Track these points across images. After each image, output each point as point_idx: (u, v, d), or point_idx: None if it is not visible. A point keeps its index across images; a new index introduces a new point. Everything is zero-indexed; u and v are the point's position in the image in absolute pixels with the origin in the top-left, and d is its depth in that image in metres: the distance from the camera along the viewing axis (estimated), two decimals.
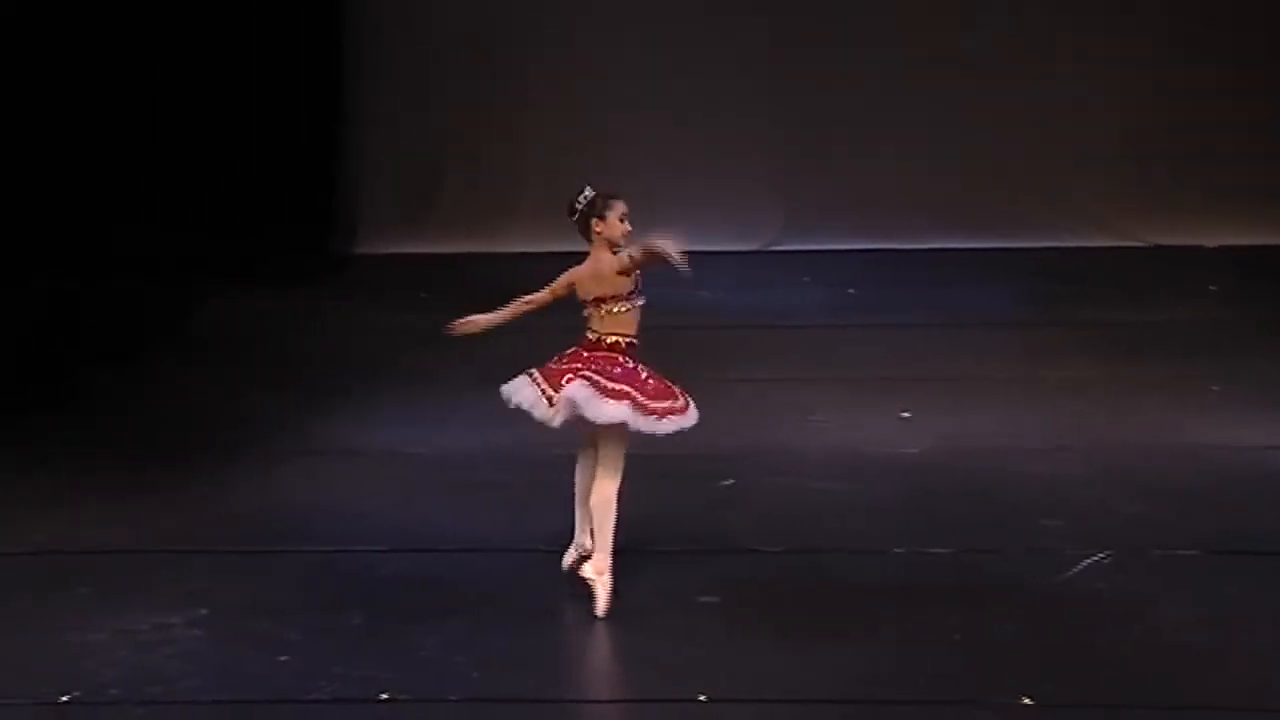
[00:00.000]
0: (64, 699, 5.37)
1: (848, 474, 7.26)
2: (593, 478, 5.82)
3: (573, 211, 5.86)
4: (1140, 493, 6.95)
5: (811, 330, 9.78)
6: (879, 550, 6.50)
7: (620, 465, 5.76)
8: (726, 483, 7.12)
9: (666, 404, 5.73)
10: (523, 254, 10.35)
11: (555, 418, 5.70)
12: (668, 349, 8.32)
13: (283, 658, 5.61)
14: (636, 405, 5.65)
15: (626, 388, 5.67)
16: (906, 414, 8.02)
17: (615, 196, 5.89)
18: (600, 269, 5.82)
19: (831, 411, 8.08)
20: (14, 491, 7.21)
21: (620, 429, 5.71)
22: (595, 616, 5.81)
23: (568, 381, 5.66)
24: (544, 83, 11.69)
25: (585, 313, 5.90)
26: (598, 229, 5.83)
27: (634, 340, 5.87)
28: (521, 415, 5.84)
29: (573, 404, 5.66)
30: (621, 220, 5.85)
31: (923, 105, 11.58)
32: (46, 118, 10.67)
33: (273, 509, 7.03)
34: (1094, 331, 9.49)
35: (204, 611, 5.96)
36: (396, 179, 11.59)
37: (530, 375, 5.81)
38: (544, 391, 5.73)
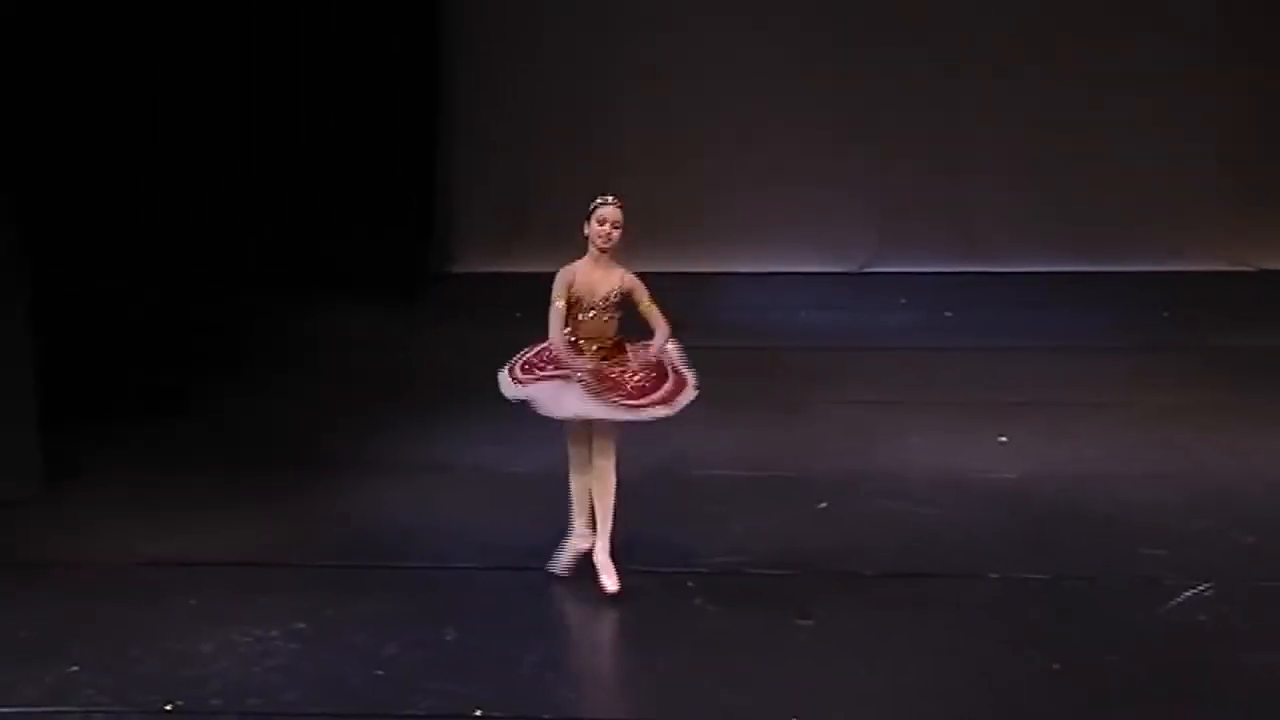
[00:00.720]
0: (167, 708, 5.50)
1: (945, 498, 7.22)
2: (587, 471, 6.23)
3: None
4: (1244, 523, 6.85)
5: (908, 353, 9.70)
6: (976, 575, 6.46)
7: (615, 450, 6.21)
8: (821, 506, 7.11)
9: (652, 397, 6.09)
10: None
11: (562, 412, 6.12)
12: (763, 370, 8.99)
13: (379, 672, 5.69)
14: (627, 401, 6.05)
15: (618, 388, 6.06)
16: (1004, 439, 7.95)
17: (608, 202, 6.16)
18: (594, 279, 6.15)
19: (928, 435, 8.04)
20: (122, 504, 7.32)
21: (614, 421, 6.16)
22: (611, 593, 6.14)
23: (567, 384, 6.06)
24: (639, 105, 11.67)
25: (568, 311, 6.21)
26: (587, 231, 6.18)
27: (612, 340, 6.20)
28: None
29: (577, 407, 6.08)
30: (601, 223, 6.12)
31: (1024, 124, 11.46)
32: (156, 129, 10.72)
33: (371, 524, 7.10)
34: (1198, 357, 9.38)
35: (303, 625, 6.06)
36: (494, 197, 11.54)
37: (517, 379, 6.16)
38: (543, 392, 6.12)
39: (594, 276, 6.16)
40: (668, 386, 6.13)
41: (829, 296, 10.91)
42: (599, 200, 6.18)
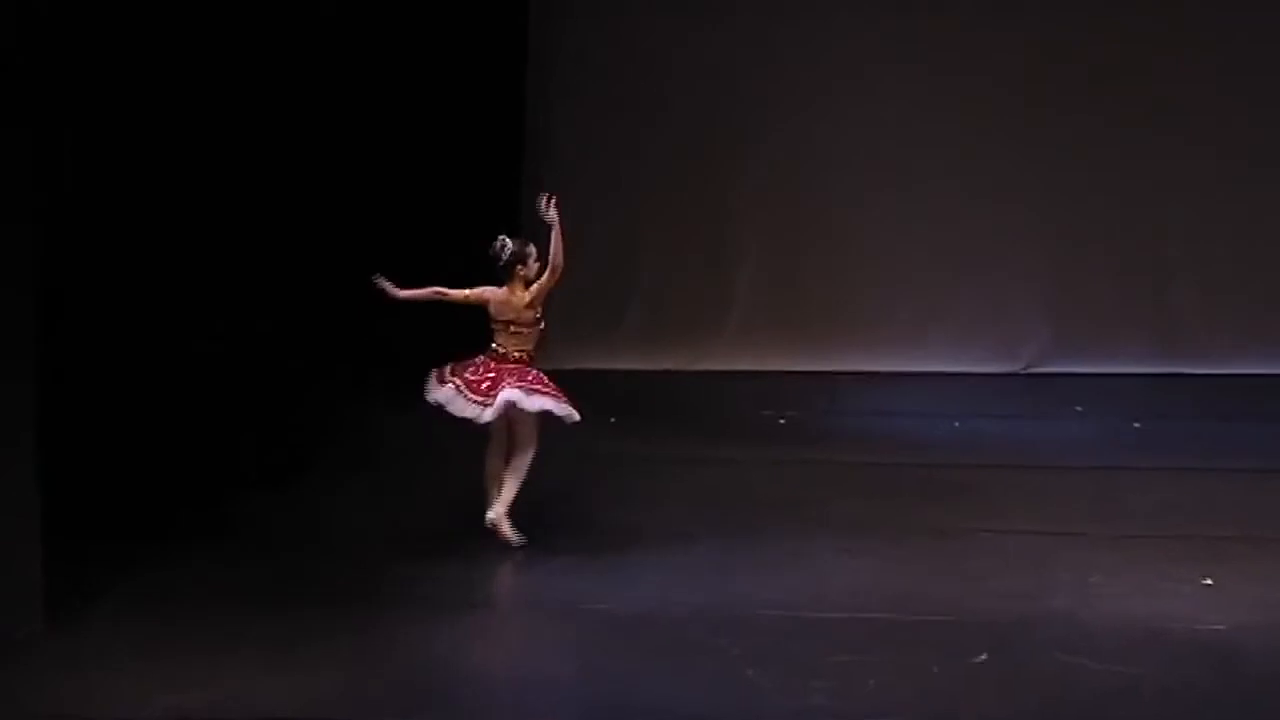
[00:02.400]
0: None
1: (1136, 653, 6.96)
2: (503, 461, 8.15)
3: (498, 258, 8.10)
4: None
5: (1087, 472, 9.46)
6: None
7: (535, 441, 8.12)
8: (980, 659, 6.89)
9: (564, 397, 8.11)
10: (727, 372, 10.60)
11: (486, 414, 8.01)
12: (908, 490, 8.94)
13: None
14: (553, 396, 8.06)
15: (541, 386, 8.08)
16: (1209, 580, 7.74)
17: (528, 243, 8.15)
18: (514, 300, 8.10)
19: (1114, 574, 7.79)
20: (140, 644, 7.01)
21: (537, 416, 8.08)
22: (515, 548, 7.99)
23: (501, 388, 8.00)
24: (760, 171, 11.67)
25: (493, 327, 8.11)
26: (521, 271, 8.12)
27: (531, 354, 8.20)
28: (733, 566, 7.05)
29: (510, 403, 7.98)
30: (535, 261, 8.10)
31: (1229, 204, 11.38)
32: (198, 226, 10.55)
33: (442, 671, 6.90)
34: None
35: None
36: (586, 287, 11.24)
37: (455, 386, 8.06)
38: (472, 398, 8.03)
39: (504, 296, 8.09)
40: (553, 390, 8.03)
41: (989, 402, 10.82)
42: (516, 242, 8.13)
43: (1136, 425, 10.30)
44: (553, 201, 8.02)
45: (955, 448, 9.89)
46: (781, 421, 10.48)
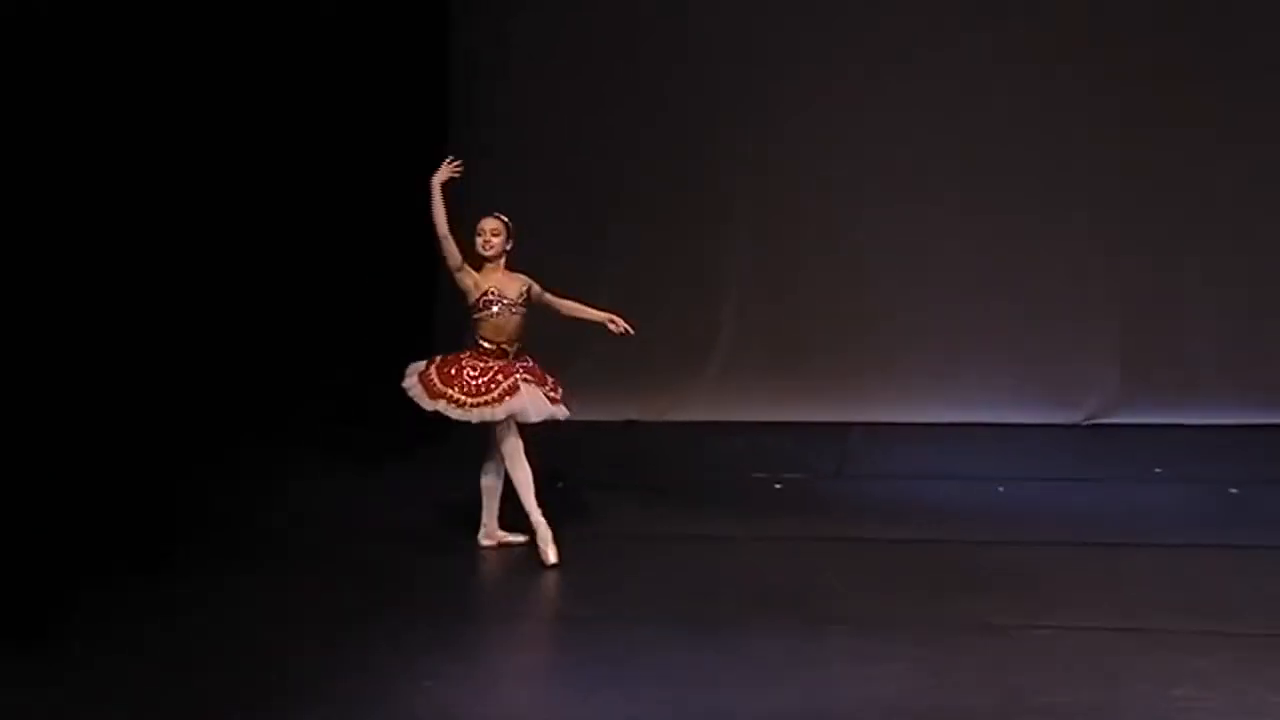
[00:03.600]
0: None
1: None
2: (499, 472, 8.90)
3: (511, 234, 8.90)
4: None
5: (1169, 552, 9.19)
6: None
7: (519, 446, 8.82)
8: None
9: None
10: (707, 424, 11.36)
11: (498, 414, 8.70)
12: (942, 573, 8.82)
13: None
14: (555, 402, 8.87)
15: (553, 391, 8.89)
16: None
17: (489, 214, 8.96)
18: (498, 281, 8.82)
19: (1206, 682, 7.38)
20: None
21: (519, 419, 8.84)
22: (553, 564, 8.63)
23: (511, 389, 8.73)
24: (751, 167, 11.84)
25: (476, 318, 8.78)
26: (508, 246, 8.89)
27: (519, 342, 8.88)
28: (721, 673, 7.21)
29: (526, 410, 8.69)
30: (479, 234, 8.87)
31: None
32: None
33: None
34: None
35: None
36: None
37: (449, 396, 8.74)
38: (473, 403, 8.74)
39: (496, 279, 8.79)
40: (500, 389, 8.72)
41: (1041, 461, 10.83)
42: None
43: (1233, 491, 10.14)
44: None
45: (999, 519, 9.70)
46: (778, 487, 10.39)
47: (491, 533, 9.00)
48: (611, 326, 8.84)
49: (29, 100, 10.32)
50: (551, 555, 8.64)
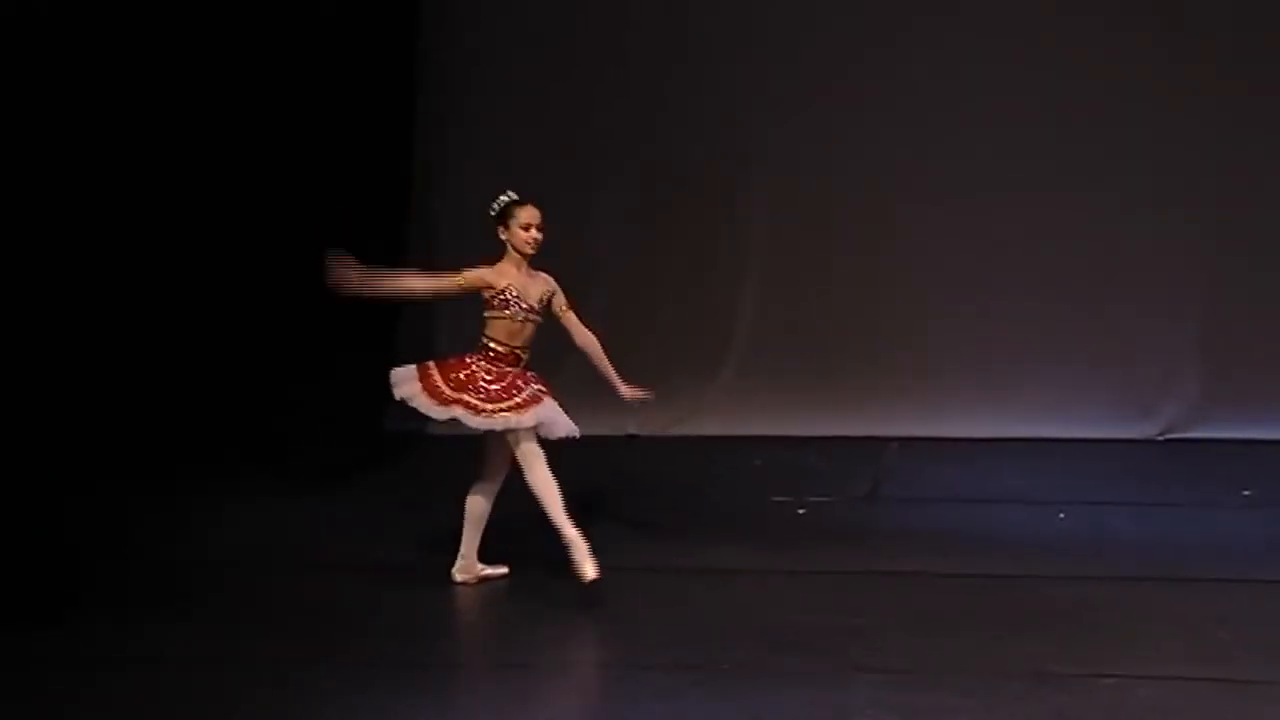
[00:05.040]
0: None
1: None
2: (491, 495, 8.87)
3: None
4: None
5: (1259, 587, 8.99)
6: None
7: (534, 455, 8.73)
8: None
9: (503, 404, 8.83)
10: (721, 438, 11.38)
11: (525, 421, 8.65)
12: (994, 614, 8.75)
13: None
14: (479, 403, 8.74)
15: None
16: None
17: (524, 201, 8.75)
18: (524, 283, 8.74)
19: None
20: None
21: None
22: (592, 580, 8.43)
23: (534, 397, 8.70)
24: (770, 153, 11.88)
25: (488, 315, 8.67)
26: (503, 235, 8.73)
27: (527, 349, 8.81)
28: None
29: (555, 421, 8.71)
30: (525, 228, 8.66)
31: None
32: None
33: None
34: None
35: None
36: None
37: (465, 402, 8.68)
38: (494, 409, 8.68)
39: (515, 275, 8.64)
40: (524, 395, 8.69)
41: (1111, 483, 10.71)
42: (508, 197, 8.68)
43: None
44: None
45: (1061, 550, 9.48)
46: (801, 511, 10.30)
47: (469, 566, 8.83)
48: (623, 392, 8.80)
49: (14, 100, 10.52)
50: (591, 570, 8.42)
